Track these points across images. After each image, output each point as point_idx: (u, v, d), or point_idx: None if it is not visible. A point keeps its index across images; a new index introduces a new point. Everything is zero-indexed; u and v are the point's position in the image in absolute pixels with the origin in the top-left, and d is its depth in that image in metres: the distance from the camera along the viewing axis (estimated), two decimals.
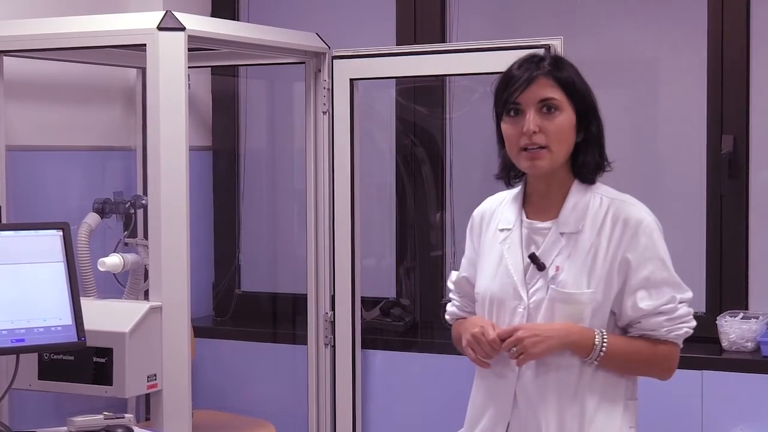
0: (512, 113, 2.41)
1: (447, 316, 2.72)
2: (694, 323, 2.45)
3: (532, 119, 2.38)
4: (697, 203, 3.89)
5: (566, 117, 2.40)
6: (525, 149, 2.39)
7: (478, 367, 2.48)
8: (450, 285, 2.70)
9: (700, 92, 3.87)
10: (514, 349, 2.36)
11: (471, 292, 2.60)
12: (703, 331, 2.57)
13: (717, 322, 3.69)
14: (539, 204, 2.49)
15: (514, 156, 2.44)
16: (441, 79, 4.22)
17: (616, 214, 2.42)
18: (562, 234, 2.43)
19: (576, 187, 2.45)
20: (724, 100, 3.81)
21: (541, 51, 2.49)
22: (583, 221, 2.42)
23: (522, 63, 2.44)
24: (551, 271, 2.41)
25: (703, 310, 3.80)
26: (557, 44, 3.45)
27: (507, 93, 2.41)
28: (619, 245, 2.39)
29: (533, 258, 2.43)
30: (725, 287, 3.84)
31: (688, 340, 2.49)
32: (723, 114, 3.82)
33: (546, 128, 2.38)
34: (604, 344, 2.38)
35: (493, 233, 2.54)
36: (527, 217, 2.49)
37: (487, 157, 2.67)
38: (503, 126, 2.44)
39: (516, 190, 2.54)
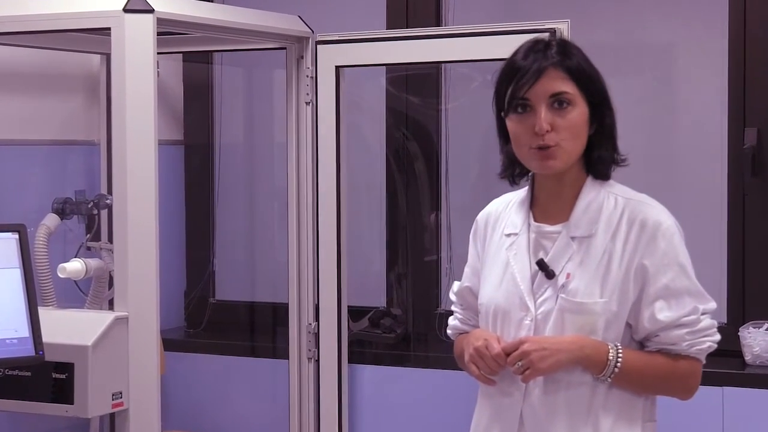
0: (519, 109, 2.39)
1: (449, 331, 2.71)
2: (718, 337, 2.43)
3: (543, 117, 2.35)
4: (718, 202, 3.90)
5: (579, 111, 2.38)
6: (536, 148, 2.37)
7: (483, 384, 2.46)
8: (452, 296, 2.69)
9: (720, 80, 3.88)
10: (520, 363, 2.34)
11: (474, 304, 2.59)
12: (724, 343, 2.56)
13: (739, 333, 3.71)
14: (548, 205, 2.47)
15: (523, 156, 2.42)
16: (436, 66, 4.22)
17: (632, 215, 2.40)
18: (573, 238, 2.41)
19: (589, 186, 2.44)
20: (747, 89, 3.82)
21: (545, 35, 2.46)
22: (597, 224, 2.40)
23: (527, 52, 2.41)
24: (561, 279, 2.39)
25: (725, 320, 3.81)
26: (563, 28, 3.46)
27: (513, 87, 2.38)
28: (636, 250, 2.37)
29: (541, 264, 2.41)
30: (748, 295, 3.84)
31: (708, 354, 2.46)
32: (746, 105, 3.82)
33: (558, 125, 2.36)
34: (619, 359, 2.36)
35: (498, 238, 2.52)
36: (535, 220, 2.47)
37: (486, 152, 2.65)
38: (509, 124, 2.42)
39: (524, 191, 2.53)
